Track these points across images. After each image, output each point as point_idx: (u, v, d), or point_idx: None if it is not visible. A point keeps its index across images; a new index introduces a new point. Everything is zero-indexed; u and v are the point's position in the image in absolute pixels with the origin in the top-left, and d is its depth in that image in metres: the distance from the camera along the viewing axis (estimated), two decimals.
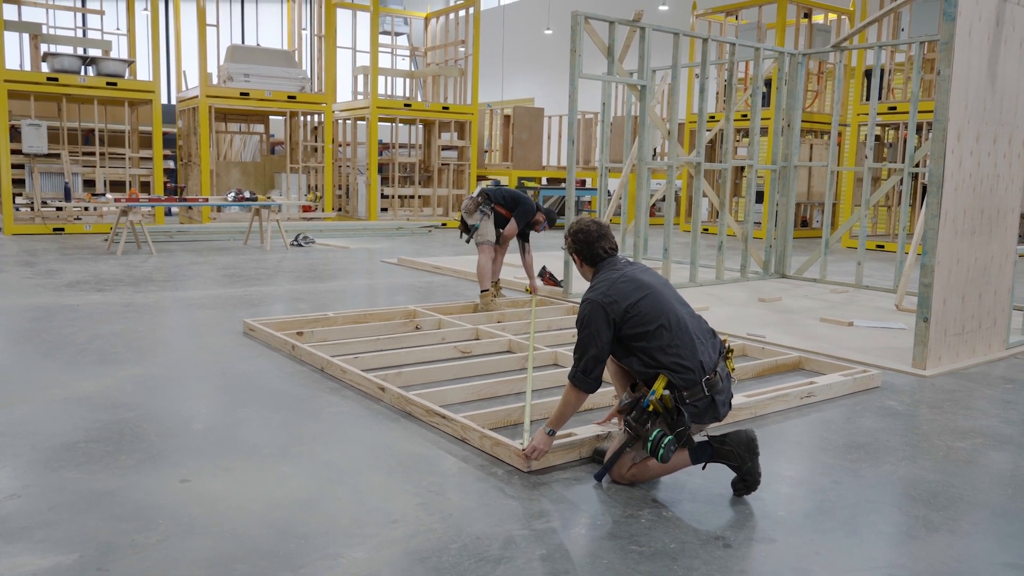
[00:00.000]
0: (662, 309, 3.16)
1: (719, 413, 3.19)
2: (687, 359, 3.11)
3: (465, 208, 6.96)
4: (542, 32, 27.21)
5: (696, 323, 3.26)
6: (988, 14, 5.20)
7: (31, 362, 5.05)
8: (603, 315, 3.15)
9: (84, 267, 9.27)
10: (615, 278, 3.25)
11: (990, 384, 5.03)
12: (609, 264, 3.38)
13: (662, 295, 3.21)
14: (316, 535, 2.78)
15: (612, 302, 3.16)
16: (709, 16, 16.77)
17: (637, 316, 3.14)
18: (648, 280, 3.26)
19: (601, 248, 3.38)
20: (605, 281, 3.26)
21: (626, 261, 3.40)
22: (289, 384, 4.65)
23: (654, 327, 3.13)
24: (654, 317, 3.14)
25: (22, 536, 2.72)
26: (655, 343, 3.12)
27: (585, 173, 17.97)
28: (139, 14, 15.44)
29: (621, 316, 3.14)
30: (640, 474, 3.25)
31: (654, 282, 3.27)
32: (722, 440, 3.18)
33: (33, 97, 13.08)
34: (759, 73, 8.95)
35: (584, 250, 3.41)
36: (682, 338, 3.13)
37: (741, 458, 3.15)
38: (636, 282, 3.22)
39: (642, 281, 3.23)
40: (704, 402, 3.13)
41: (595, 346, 3.17)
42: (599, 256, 3.39)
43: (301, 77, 15.35)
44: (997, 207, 5.55)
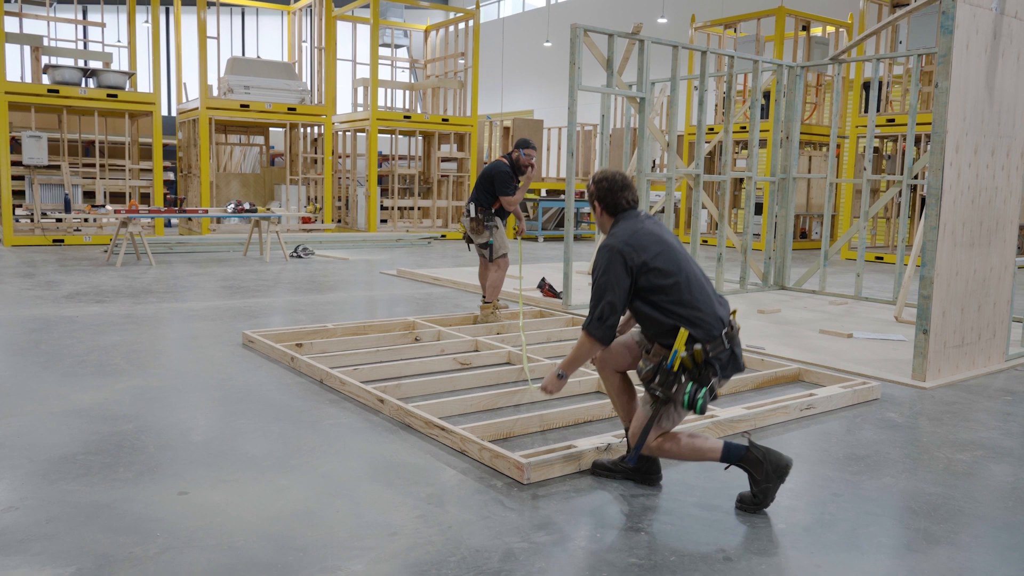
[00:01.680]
0: (679, 265, 3.16)
1: (740, 364, 3.17)
2: (706, 314, 3.10)
3: (470, 231, 6.81)
4: (541, 44, 27.33)
5: (707, 282, 3.26)
6: (985, 27, 5.23)
7: (29, 374, 5.04)
8: (622, 262, 3.13)
9: (83, 278, 9.27)
10: (636, 229, 3.24)
11: (990, 396, 5.02)
12: (629, 215, 3.35)
13: (677, 252, 3.22)
14: (314, 548, 2.77)
15: (632, 251, 3.14)
16: (708, 29, 16.85)
17: (655, 271, 3.13)
18: (666, 237, 3.25)
19: (624, 198, 3.35)
20: (626, 230, 3.24)
21: (645, 215, 3.37)
22: (288, 396, 4.65)
23: (671, 282, 3.12)
24: (671, 272, 3.13)
25: (20, 549, 2.71)
26: (673, 297, 3.11)
27: (584, 185, 17.99)
28: (140, 26, 15.53)
29: (639, 267, 3.13)
30: (669, 447, 3.20)
31: (670, 240, 3.27)
32: (763, 451, 3.14)
33: (34, 109, 13.12)
34: (758, 85, 8.98)
35: (607, 198, 3.36)
36: (698, 294, 3.13)
37: (767, 475, 3.12)
38: (654, 236, 3.21)
39: (660, 236, 3.23)
40: (726, 355, 3.12)
41: (612, 292, 3.13)
42: (620, 206, 3.36)
43: (301, 89, 15.40)
44: (996, 219, 5.57)
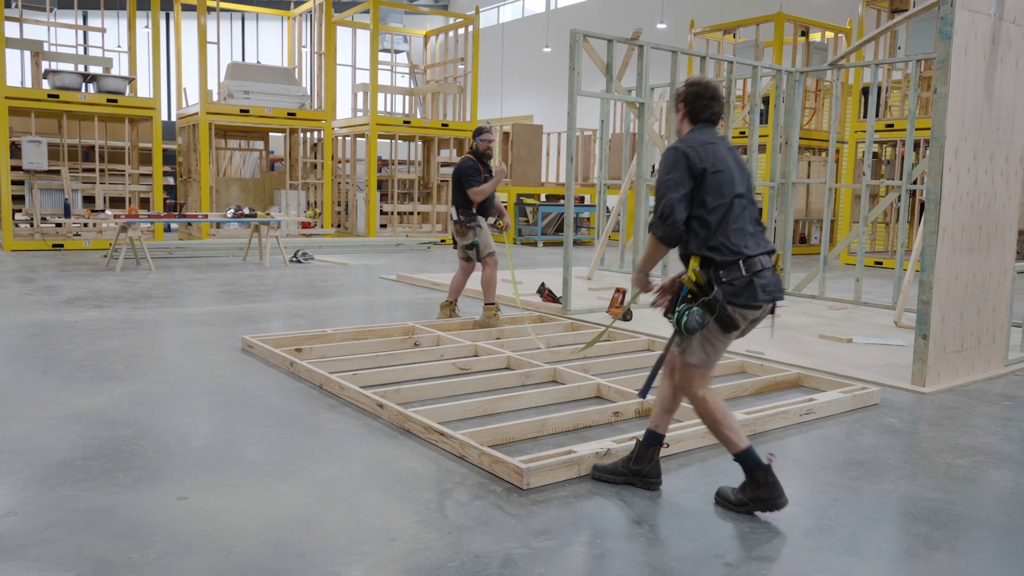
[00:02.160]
0: (728, 192, 3.18)
1: (756, 295, 3.13)
2: (731, 243, 3.14)
3: (456, 234, 6.86)
4: (541, 50, 27.37)
5: (751, 212, 3.25)
6: (984, 33, 5.24)
7: (29, 379, 5.04)
8: (687, 163, 3.18)
9: (83, 283, 9.27)
10: (707, 142, 3.25)
11: (990, 401, 5.02)
12: (706, 130, 3.34)
13: (733, 179, 3.22)
14: (314, 553, 2.76)
15: (698, 156, 3.18)
16: (707, 34, 16.88)
17: (708, 185, 3.17)
18: (729, 163, 3.25)
19: (709, 108, 3.34)
20: (697, 139, 3.26)
21: (722, 138, 3.35)
22: (287, 401, 4.64)
23: (715, 203, 3.16)
24: (719, 195, 3.17)
25: (18, 554, 2.71)
26: (710, 217, 3.15)
27: (584, 190, 18.02)
28: (140, 31, 15.54)
29: (700, 173, 3.17)
30: (705, 403, 3.22)
31: (732, 167, 3.25)
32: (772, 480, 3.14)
33: (34, 114, 13.14)
34: (757, 90, 9.00)
35: (692, 102, 3.35)
36: (732, 224, 3.16)
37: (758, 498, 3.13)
38: (718, 157, 3.22)
39: (725, 160, 3.23)
40: (742, 281, 3.11)
41: (675, 191, 3.17)
42: (702, 116, 3.35)
43: (301, 94, 15.42)
44: (995, 224, 5.57)
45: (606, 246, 10.67)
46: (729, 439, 3.21)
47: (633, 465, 3.42)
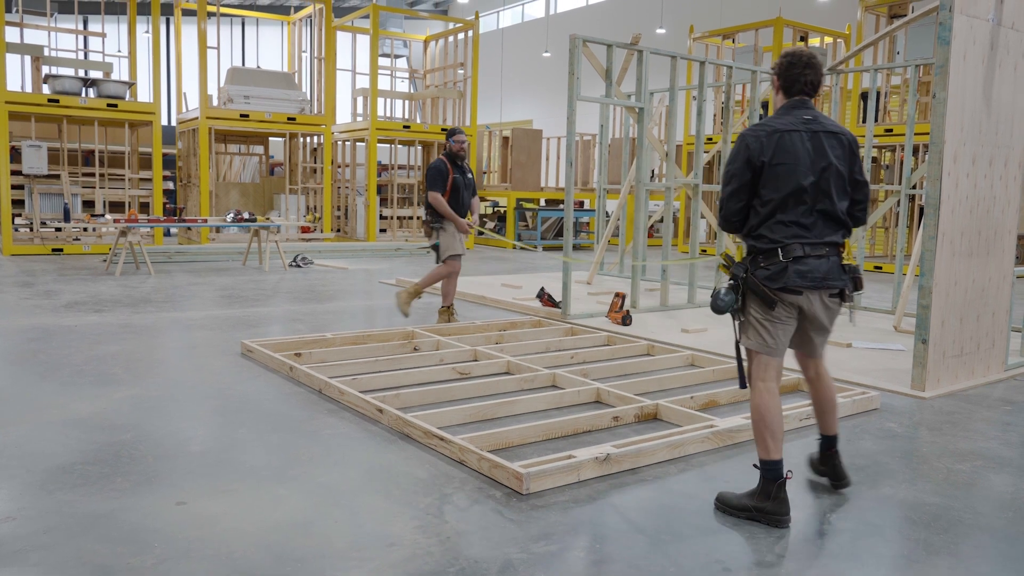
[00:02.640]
0: (786, 186, 3.18)
1: (789, 280, 3.15)
2: (772, 232, 3.19)
3: (425, 234, 7.04)
4: (540, 55, 27.42)
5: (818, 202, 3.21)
6: (982, 38, 5.25)
7: (27, 383, 5.03)
8: (747, 154, 3.22)
9: (82, 288, 9.27)
10: (779, 128, 3.23)
11: (989, 406, 5.02)
12: (796, 106, 3.30)
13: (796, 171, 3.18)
14: (313, 558, 2.76)
15: (759, 148, 3.20)
16: (706, 39, 16.91)
17: (766, 177, 3.20)
18: (797, 152, 3.20)
19: (803, 77, 3.28)
20: (770, 125, 3.25)
21: (811, 118, 3.27)
22: (287, 405, 4.64)
23: (768, 196, 3.20)
24: (775, 188, 3.19)
25: (17, 559, 2.70)
26: (763, 209, 3.22)
27: (583, 194, 18.03)
28: (140, 36, 15.56)
29: (759, 167, 3.21)
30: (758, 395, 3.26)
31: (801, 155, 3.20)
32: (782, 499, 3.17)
33: (34, 118, 13.14)
34: (756, 95, 9.01)
35: (786, 72, 3.31)
36: (782, 216, 3.19)
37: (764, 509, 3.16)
38: (784, 147, 3.20)
39: (792, 149, 3.20)
40: (778, 267, 3.16)
41: (731, 183, 3.26)
42: (795, 86, 3.30)
43: (301, 99, 15.44)
44: (994, 228, 5.57)
45: (605, 251, 10.68)
46: (765, 443, 3.21)
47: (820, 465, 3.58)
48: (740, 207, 3.27)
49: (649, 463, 3.74)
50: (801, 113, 3.28)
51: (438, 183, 6.75)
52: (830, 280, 3.22)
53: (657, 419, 4.52)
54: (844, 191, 3.28)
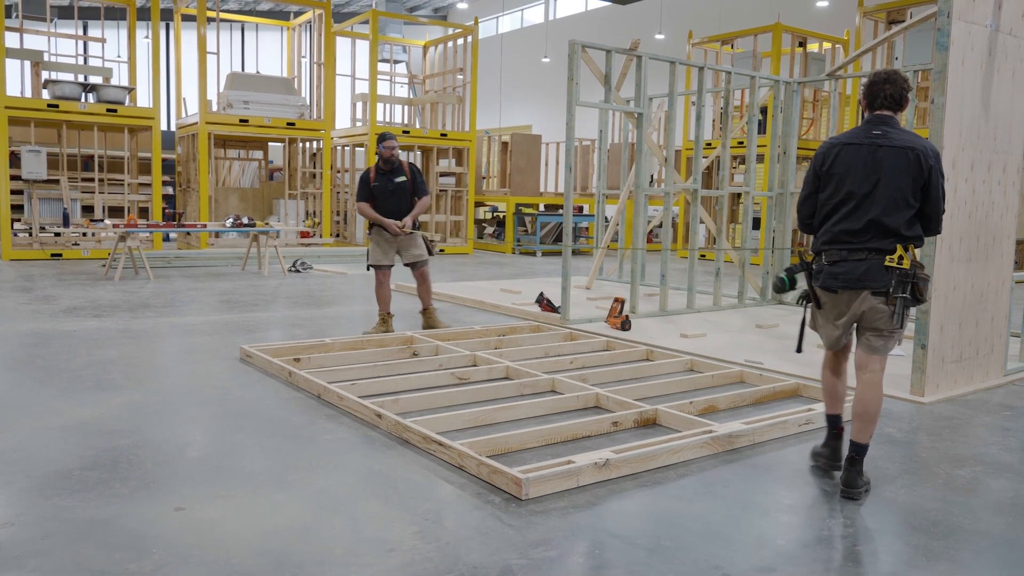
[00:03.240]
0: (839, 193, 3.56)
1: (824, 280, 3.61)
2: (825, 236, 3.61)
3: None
4: (540, 60, 27.46)
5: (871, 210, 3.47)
6: (980, 44, 5.26)
7: (26, 388, 5.03)
8: (814, 164, 3.70)
9: (81, 293, 9.26)
10: (844, 140, 3.60)
11: (989, 411, 5.02)
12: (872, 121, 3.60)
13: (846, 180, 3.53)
14: (311, 564, 2.75)
15: (823, 158, 3.64)
16: (705, 45, 16.95)
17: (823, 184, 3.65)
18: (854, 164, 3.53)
19: (882, 92, 3.57)
20: (837, 139, 3.63)
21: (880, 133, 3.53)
22: (285, 411, 4.63)
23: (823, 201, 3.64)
24: (829, 195, 3.61)
25: (14, 565, 2.70)
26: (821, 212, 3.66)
27: (583, 200, 18.04)
28: (140, 42, 15.57)
29: (821, 175, 3.65)
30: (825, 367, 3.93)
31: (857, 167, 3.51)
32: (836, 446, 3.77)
33: (33, 123, 13.15)
34: (755, 101, 9.02)
35: (867, 91, 3.64)
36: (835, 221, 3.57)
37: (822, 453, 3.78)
38: (842, 159, 3.56)
39: (849, 161, 3.54)
40: (819, 265, 3.65)
41: (804, 190, 3.76)
42: (876, 101, 3.60)
43: (300, 104, 15.45)
44: (993, 234, 5.58)
45: (604, 256, 10.68)
46: (828, 402, 3.89)
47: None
48: (809, 212, 3.73)
49: (648, 468, 3.74)
50: (871, 128, 3.57)
51: (360, 192, 6.85)
52: (866, 281, 3.49)
53: (656, 424, 4.52)
54: (900, 203, 3.48)
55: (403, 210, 6.88)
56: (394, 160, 6.84)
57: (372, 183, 6.83)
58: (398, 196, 6.86)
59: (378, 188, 6.83)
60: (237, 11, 28.21)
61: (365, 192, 6.85)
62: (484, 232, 19.70)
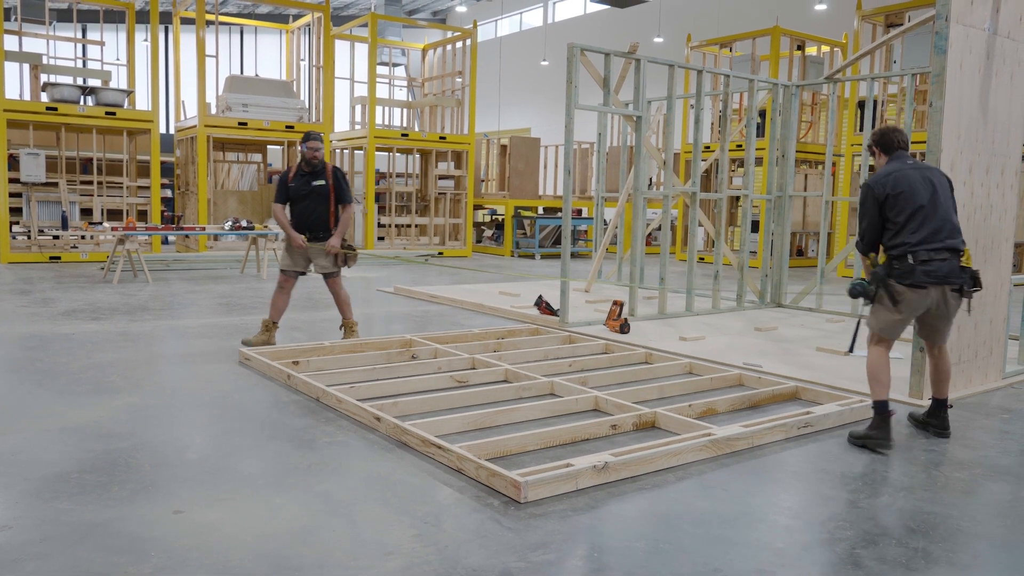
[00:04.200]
0: (908, 207, 4.17)
1: (916, 278, 4.11)
2: (902, 241, 4.14)
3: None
4: (538, 63, 27.49)
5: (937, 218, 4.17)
6: (978, 47, 5.27)
7: (24, 391, 5.02)
8: (872, 196, 4.26)
9: (80, 296, 9.26)
10: (892, 170, 4.29)
11: (987, 414, 5.02)
12: (898, 157, 4.39)
13: (914, 196, 4.19)
14: (310, 567, 2.75)
15: (880, 187, 4.24)
16: (704, 48, 16.97)
17: (889, 205, 4.22)
18: (913, 182, 4.23)
19: (895, 138, 4.40)
20: (884, 171, 4.31)
21: (913, 161, 4.35)
22: (284, 414, 4.63)
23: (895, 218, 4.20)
24: (900, 212, 4.19)
25: (13, 568, 2.69)
26: (895, 227, 4.20)
27: (581, 202, 18.05)
28: (139, 45, 15.57)
29: (883, 199, 4.23)
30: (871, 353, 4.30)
31: (917, 186, 4.22)
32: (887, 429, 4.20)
33: (32, 126, 13.15)
34: (754, 104, 9.04)
35: (882, 139, 4.41)
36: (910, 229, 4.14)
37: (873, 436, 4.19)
38: (903, 181, 4.23)
39: (906, 180, 4.23)
40: (907, 267, 4.12)
41: (866, 218, 4.31)
42: (892, 145, 4.40)
43: (299, 107, 15.45)
44: (991, 237, 5.58)
45: (603, 259, 10.68)
46: (874, 389, 4.26)
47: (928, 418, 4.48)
48: (875, 236, 4.31)
49: (647, 471, 3.74)
50: (904, 160, 4.36)
51: (277, 193, 6.41)
52: (951, 278, 4.13)
53: (655, 427, 4.52)
54: (952, 208, 4.30)
55: (320, 216, 6.44)
56: (317, 162, 6.37)
57: (289, 183, 6.39)
58: (314, 200, 6.41)
59: (295, 189, 6.39)
60: (236, 14, 28.23)
61: (283, 194, 6.38)
62: (483, 235, 19.70)
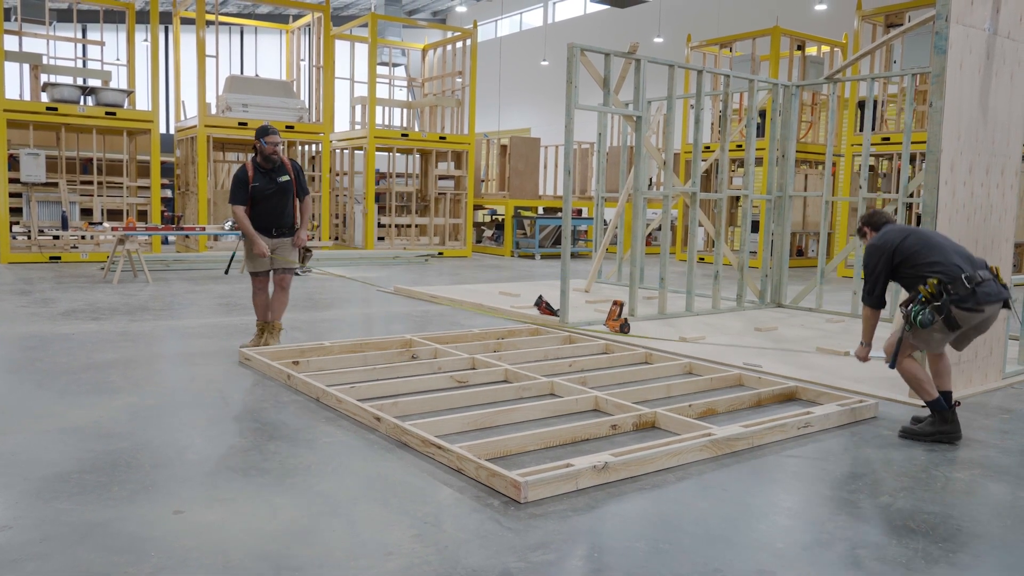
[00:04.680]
0: (924, 243, 4.43)
1: (978, 300, 4.24)
2: (946, 266, 4.29)
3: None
4: (538, 63, 27.48)
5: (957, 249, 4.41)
6: (978, 47, 5.27)
7: (24, 391, 5.02)
8: (880, 251, 4.52)
9: (80, 296, 9.26)
10: (887, 230, 4.63)
11: (987, 414, 5.02)
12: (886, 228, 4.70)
13: (922, 232, 4.53)
14: (310, 567, 2.75)
15: (886, 243, 4.52)
16: (704, 48, 16.97)
17: (904, 250, 4.44)
18: (912, 228, 4.59)
19: (883, 218, 4.76)
20: (882, 234, 4.62)
21: (901, 225, 4.72)
22: (284, 414, 4.63)
23: (913, 251, 4.41)
24: (916, 247, 4.41)
25: (13, 569, 2.69)
26: (920, 262, 4.37)
27: (582, 203, 18.05)
28: (139, 45, 15.56)
29: (892, 252, 4.47)
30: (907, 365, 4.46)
31: (916, 229, 4.58)
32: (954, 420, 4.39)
33: (32, 126, 13.15)
34: (754, 104, 9.04)
35: (871, 220, 4.77)
36: (939, 256, 4.33)
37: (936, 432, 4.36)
38: (902, 230, 4.56)
39: (905, 229, 4.57)
40: (965, 291, 4.22)
41: (875, 274, 4.53)
42: (882, 222, 4.73)
43: (299, 107, 15.45)
44: (991, 237, 5.58)
45: (603, 259, 10.68)
46: (925, 390, 4.42)
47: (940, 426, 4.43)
48: (884, 291, 4.56)
49: (647, 471, 3.74)
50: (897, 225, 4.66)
51: (237, 194, 5.97)
52: (1002, 295, 4.35)
53: (655, 427, 4.52)
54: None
55: (286, 213, 6.20)
56: (276, 158, 6.06)
57: (251, 183, 6.00)
58: (280, 197, 6.12)
59: (258, 189, 6.02)
60: (236, 14, 28.22)
61: (243, 194, 5.98)
62: (483, 235, 19.70)
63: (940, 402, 4.39)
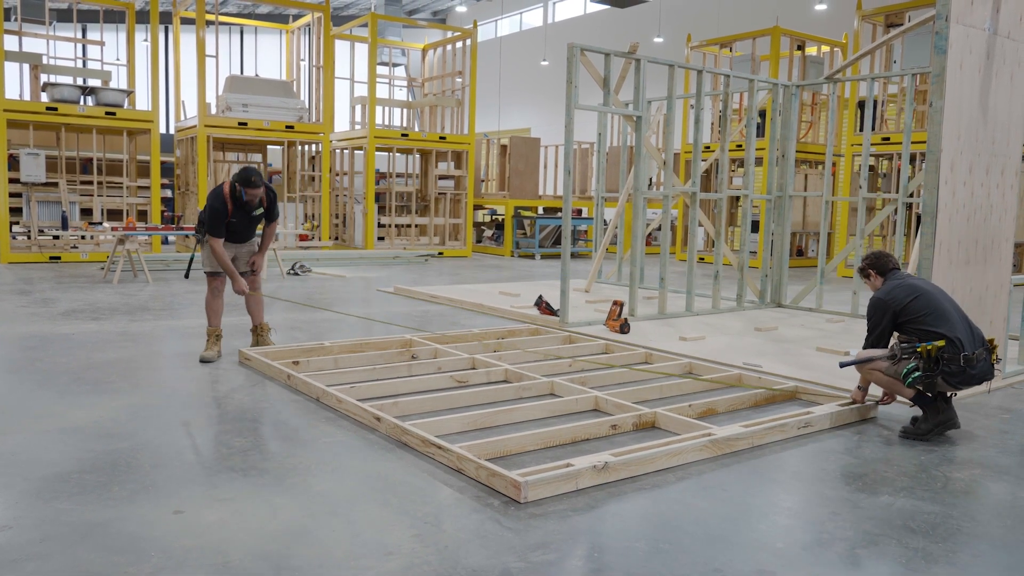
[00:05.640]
0: (931, 306, 4.44)
1: (963, 379, 4.34)
2: (950, 340, 4.31)
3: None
4: (538, 63, 27.49)
5: (961, 317, 4.47)
6: (978, 47, 5.27)
7: (24, 391, 5.02)
8: (886, 308, 4.56)
9: (80, 296, 9.25)
10: (897, 284, 4.61)
11: (987, 414, 5.02)
12: (894, 275, 4.72)
13: (931, 295, 4.50)
14: (310, 567, 2.75)
15: (893, 299, 4.54)
16: (704, 48, 16.97)
17: (910, 311, 4.48)
18: (921, 286, 4.57)
19: (890, 262, 4.76)
20: (890, 286, 4.63)
21: (907, 274, 4.72)
22: (284, 414, 4.63)
23: (922, 315, 4.44)
24: (924, 312, 4.43)
25: (12, 569, 2.69)
26: (926, 327, 4.41)
27: (581, 203, 18.05)
28: (139, 45, 15.55)
29: (899, 310, 4.51)
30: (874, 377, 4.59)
31: (924, 287, 4.57)
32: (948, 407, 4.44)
33: (32, 126, 13.15)
34: (754, 104, 9.04)
35: (877, 264, 4.78)
36: (945, 329, 4.35)
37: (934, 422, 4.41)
38: (911, 288, 4.55)
39: (915, 287, 4.56)
40: (958, 368, 4.31)
41: (878, 329, 4.60)
42: (887, 266, 4.75)
43: (299, 107, 15.45)
44: (991, 237, 5.58)
45: (603, 259, 10.68)
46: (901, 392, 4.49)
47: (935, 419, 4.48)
48: (886, 343, 4.58)
49: (647, 471, 3.74)
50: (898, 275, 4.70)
51: (215, 228, 5.95)
52: (986, 377, 4.45)
53: (655, 427, 4.52)
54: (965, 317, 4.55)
55: (252, 234, 6.33)
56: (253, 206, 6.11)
57: (230, 218, 6.04)
58: (249, 224, 6.22)
59: (233, 224, 6.10)
60: (236, 14, 28.22)
61: (221, 228, 6.00)
62: (483, 235, 19.70)
63: (924, 398, 4.46)
